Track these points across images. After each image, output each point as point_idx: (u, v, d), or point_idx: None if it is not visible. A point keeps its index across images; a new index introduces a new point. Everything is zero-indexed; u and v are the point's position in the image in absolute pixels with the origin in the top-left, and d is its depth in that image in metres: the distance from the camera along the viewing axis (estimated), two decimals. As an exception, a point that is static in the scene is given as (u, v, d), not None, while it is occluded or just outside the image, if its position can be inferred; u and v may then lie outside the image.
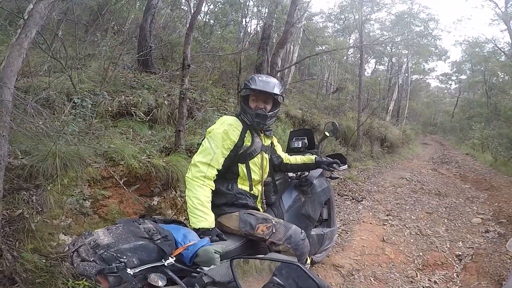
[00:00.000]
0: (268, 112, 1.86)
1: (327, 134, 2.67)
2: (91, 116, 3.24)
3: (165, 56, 6.57)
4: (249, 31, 11.38)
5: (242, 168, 1.87)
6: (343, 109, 10.53)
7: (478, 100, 22.52)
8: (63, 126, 2.69)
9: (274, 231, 1.77)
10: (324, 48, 12.02)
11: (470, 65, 26.01)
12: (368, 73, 21.45)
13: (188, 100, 4.21)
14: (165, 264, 1.18)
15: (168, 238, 1.26)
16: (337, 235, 3.70)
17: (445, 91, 33.23)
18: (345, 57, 16.90)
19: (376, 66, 22.47)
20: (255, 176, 1.91)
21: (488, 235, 3.99)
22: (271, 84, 1.84)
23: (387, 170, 8.54)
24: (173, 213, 3.06)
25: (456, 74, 28.15)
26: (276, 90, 1.84)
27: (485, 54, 23.14)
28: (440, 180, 7.64)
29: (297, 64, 12.82)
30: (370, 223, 4.28)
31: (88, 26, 6.01)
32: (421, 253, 3.45)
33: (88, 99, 3.18)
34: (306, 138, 2.63)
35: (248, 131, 1.87)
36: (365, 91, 13.60)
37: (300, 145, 2.60)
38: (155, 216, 1.54)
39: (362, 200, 5.25)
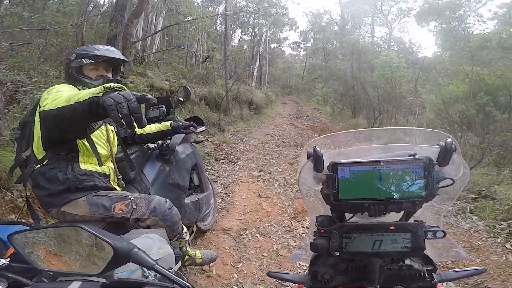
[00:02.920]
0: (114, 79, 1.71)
1: (181, 99, 2.53)
2: None
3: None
4: (101, 2, 9.62)
5: (82, 143, 1.50)
6: (212, 77, 10.33)
7: (319, 64, 25.96)
8: None
9: (134, 207, 1.52)
10: (190, 18, 11.27)
11: (313, 34, 29.45)
12: (235, 42, 21.74)
13: (9, 83, 3.25)
14: None
15: None
16: (219, 199, 3.62)
17: (296, 57, 36.86)
18: (214, 27, 16.60)
19: (242, 36, 22.98)
20: (102, 151, 1.58)
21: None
22: (116, 51, 1.70)
23: (256, 129, 9.00)
24: (17, 217, 2.36)
25: (304, 42, 31.52)
26: (123, 57, 1.72)
27: (323, 24, 26.55)
28: (297, 133, 8.53)
29: (160, 35, 11.83)
30: (247, 182, 4.37)
31: None
32: (290, 202, 3.70)
33: None
34: (164, 106, 2.38)
35: None
36: (232, 60, 13.65)
37: (158, 114, 2.34)
38: None
39: (237, 161, 5.31)
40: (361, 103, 10.55)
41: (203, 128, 2.41)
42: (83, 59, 1.59)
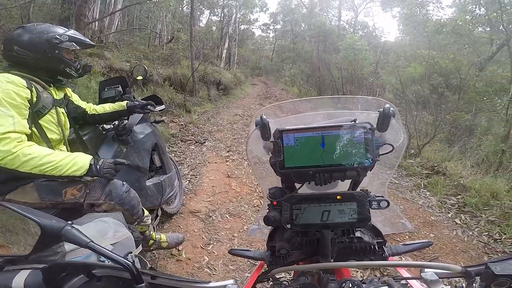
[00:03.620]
0: None
1: (138, 77, 2.37)
2: None
3: None
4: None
5: (31, 129, 1.41)
6: (177, 58, 9.88)
7: (288, 46, 25.89)
8: None
9: (87, 191, 1.45)
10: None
11: (282, 16, 29.15)
12: (203, 23, 20.99)
13: None
14: None
15: None
16: (186, 181, 3.53)
17: (266, 39, 36.40)
18: (180, 8, 16.08)
19: (210, 17, 22.31)
20: (53, 135, 1.50)
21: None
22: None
23: (224, 110, 8.84)
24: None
25: (273, 24, 31.33)
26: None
27: (293, 6, 26.31)
28: (266, 113, 8.49)
29: (120, 15, 11.24)
30: (215, 162, 4.28)
31: None
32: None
33: None
34: (120, 86, 2.26)
35: (32, 86, 1.41)
36: (199, 40, 13.16)
37: (114, 94, 2.24)
38: None
39: (205, 142, 5.19)
40: (326, 84, 10.70)
41: (162, 106, 2.30)
42: (76, 43, 1.56)
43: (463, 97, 6.16)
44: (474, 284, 0.47)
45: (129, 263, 0.51)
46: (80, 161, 1.35)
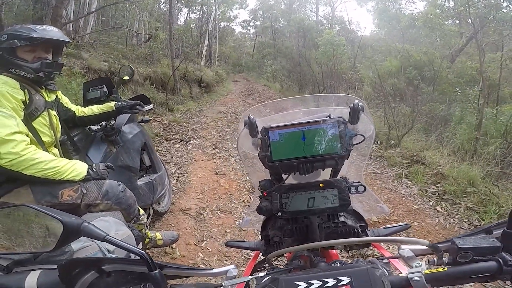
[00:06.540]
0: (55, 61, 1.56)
1: (125, 77, 2.37)
2: None
3: None
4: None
5: None
6: (157, 57, 9.74)
7: (268, 42, 25.83)
8: None
9: (84, 191, 1.46)
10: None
11: (262, 12, 29.00)
12: (181, 21, 20.63)
13: None
14: None
15: None
16: (173, 180, 3.52)
17: (246, 35, 36.13)
18: (157, 6, 15.92)
19: (189, 14, 21.95)
20: (46, 138, 1.51)
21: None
22: (56, 31, 1.51)
23: (207, 107, 8.79)
24: None
25: (253, 20, 31.14)
26: (65, 37, 1.56)
27: (271, 2, 26.25)
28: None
29: (95, 15, 10.96)
30: (202, 160, 4.27)
31: None
32: (247, 177, 3.68)
33: None
34: (104, 87, 2.22)
35: (25, 88, 1.41)
36: (178, 39, 12.94)
37: (99, 95, 2.20)
38: None
39: (190, 140, 5.16)
40: (307, 79, 10.81)
41: (150, 106, 2.28)
42: (16, 41, 1.39)
43: (437, 88, 6.37)
44: (443, 258, 0.51)
45: (144, 252, 0.53)
46: (78, 168, 1.45)
